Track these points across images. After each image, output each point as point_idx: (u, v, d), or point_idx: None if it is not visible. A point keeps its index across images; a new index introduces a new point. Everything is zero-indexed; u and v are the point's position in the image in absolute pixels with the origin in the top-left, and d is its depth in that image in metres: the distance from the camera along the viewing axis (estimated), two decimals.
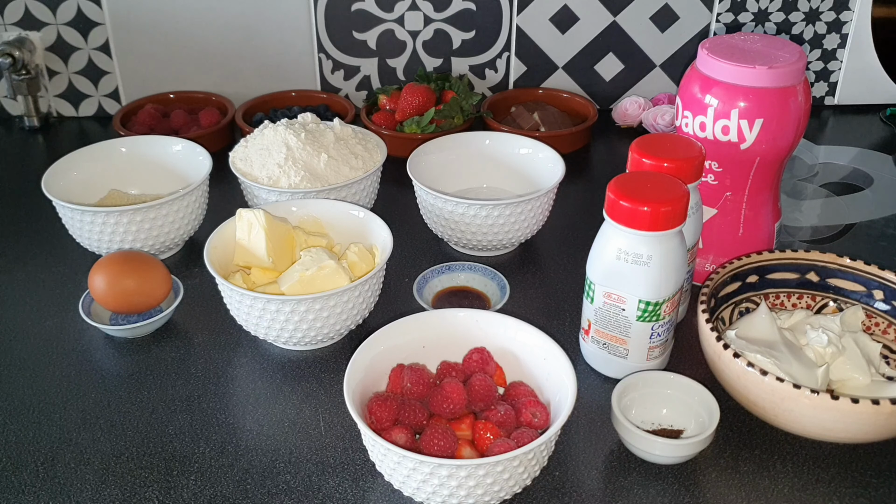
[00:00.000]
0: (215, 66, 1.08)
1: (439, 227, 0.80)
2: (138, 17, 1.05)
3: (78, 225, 0.76)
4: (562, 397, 0.56)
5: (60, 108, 1.11)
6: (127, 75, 1.09)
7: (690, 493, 0.56)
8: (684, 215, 0.60)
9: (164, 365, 0.68)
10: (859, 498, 0.56)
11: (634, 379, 0.61)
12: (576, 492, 0.56)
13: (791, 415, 0.56)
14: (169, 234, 0.78)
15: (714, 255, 0.74)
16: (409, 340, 0.61)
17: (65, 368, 0.68)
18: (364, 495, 0.56)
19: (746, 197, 0.71)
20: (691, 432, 0.59)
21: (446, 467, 0.49)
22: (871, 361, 0.63)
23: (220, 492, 0.56)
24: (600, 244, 0.62)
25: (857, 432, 0.55)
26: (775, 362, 0.58)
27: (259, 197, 0.80)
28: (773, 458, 0.59)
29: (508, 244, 0.80)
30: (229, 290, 0.65)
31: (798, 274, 0.69)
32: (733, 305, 0.68)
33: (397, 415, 0.56)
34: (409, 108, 1.00)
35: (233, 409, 0.64)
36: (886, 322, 0.66)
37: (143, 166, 0.86)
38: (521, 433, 0.54)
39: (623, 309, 0.62)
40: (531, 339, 0.60)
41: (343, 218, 0.75)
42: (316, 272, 0.66)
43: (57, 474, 0.58)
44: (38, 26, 1.05)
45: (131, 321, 0.72)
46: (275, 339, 0.67)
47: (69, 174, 0.81)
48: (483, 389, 0.58)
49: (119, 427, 0.62)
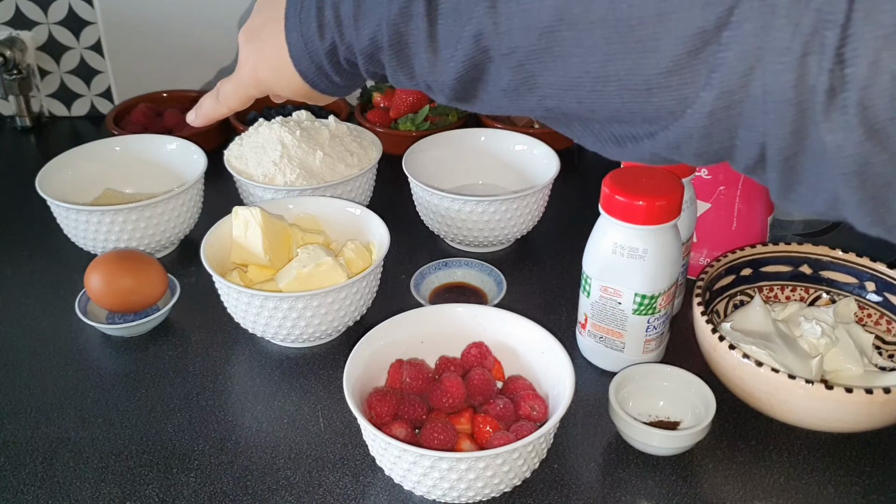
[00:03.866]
0: (208, 64, 1.08)
1: (436, 223, 0.80)
2: (130, 15, 1.05)
3: (73, 224, 0.76)
4: (560, 390, 0.56)
5: (52, 107, 1.11)
6: (119, 74, 1.09)
7: (687, 484, 0.57)
8: (679, 209, 0.60)
9: (161, 363, 0.68)
10: (853, 486, 0.57)
11: (631, 371, 0.61)
12: (574, 483, 0.57)
13: (786, 405, 0.56)
14: (164, 232, 0.78)
15: (708, 248, 0.75)
16: (407, 336, 0.61)
17: (62, 368, 0.68)
18: (364, 490, 0.57)
19: (740, 191, 0.72)
20: (688, 424, 0.60)
21: (447, 460, 0.50)
22: (864, 352, 0.64)
23: (220, 488, 0.57)
24: (596, 238, 0.63)
25: (850, 421, 0.56)
26: (770, 354, 0.59)
27: (255, 195, 0.80)
28: (768, 448, 0.60)
29: (505, 240, 0.81)
30: (227, 287, 0.65)
31: (791, 267, 0.70)
32: (728, 298, 0.69)
33: (397, 409, 0.57)
34: (403, 105, 1.00)
35: (231, 406, 0.64)
36: (878, 313, 0.67)
37: (138, 165, 0.86)
38: (520, 426, 0.55)
39: (619, 302, 0.62)
40: (529, 333, 0.60)
41: (339, 215, 0.75)
42: (313, 269, 0.66)
43: (56, 473, 0.58)
44: (29, 26, 1.05)
45: (128, 320, 0.72)
46: (272, 336, 0.67)
47: (63, 174, 0.81)
48: (482, 383, 0.58)
49: (118, 425, 0.62)
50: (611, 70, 0.33)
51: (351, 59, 0.44)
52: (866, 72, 0.27)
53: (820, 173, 0.30)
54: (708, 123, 0.32)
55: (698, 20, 0.30)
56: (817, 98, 0.29)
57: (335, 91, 0.49)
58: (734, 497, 0.56)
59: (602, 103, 0.35)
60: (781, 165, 0.31)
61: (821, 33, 0.28)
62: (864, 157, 0.29)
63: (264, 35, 0.48)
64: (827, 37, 0.28)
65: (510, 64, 0.36)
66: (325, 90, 0.48)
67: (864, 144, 0.28)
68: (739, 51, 0.30)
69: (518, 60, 0.36)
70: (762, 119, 0.30)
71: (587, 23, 0.33)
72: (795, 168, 0.31)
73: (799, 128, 0.30)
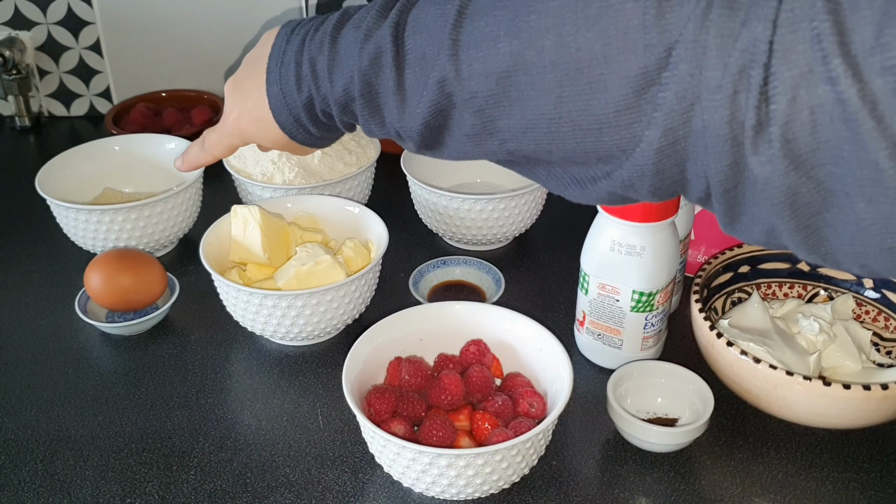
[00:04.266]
0: (207, 64, 1.08)
1: (434, 221, 0.80)
2: (129, 15, 1.05)
3: (73, 223, 0.76)
4: (558, 387, 0.56)
5: (52, 107, 1.11)
6: (118, 74, 1.09)
7: (686, 481, 0.57)
8: (677, 206, 0.61)
9: (161, 362, 0.68)
10: (851, 482, 0.57)
11: (629, 369, 0.62)
12: (573, 480, 0.57)
13: (784, 402, 0.57)
14: (164, 231, 0.78)
15: (706, 246, 0.75)
16: (406, 333, 0.62)
17: (62, 366, 0.68)
18: (363, 487, 0.57)
19: None
20: (686, 420, 0.60)
21: (445, 457, 0.50)
22: (862, 348, 0.64)
23: (219, 486, 0.57)
24: (594, 236, 0.63)
25: (848, 418, 0.56)
26: (768, 350, 0.59)
27: (253, 194, 0.80)
28: (766, 444, 0.60)
29: (503, 238, 0.81)
30: (226, 286, 0.65)
31: (789, 263, 0.70)
32: (725, 295, 0.69)
33: (396, 407, 0.57)
34: None
35: (231, 404, 0.64)
36: (876, 310, 0.67)
37: (137, 165, 0.86)
38: (518, 423, 0.55)
39: (617, 300, 0.62)
40: (527, 330, 0.60)
41: (338, 213, 0.75)
42: (312, 267, 0.66)
43: (56, 471, 0.58)
44: (28, 26, 1.05)
45: (127, 319, 0.72)
46: (272, 334, 0.67)
47: (63, 173, 0.81)
48: (480, 381, 0.58)
49: (118, 423, 0.62)
50: (563, 111, 0.35)
51: (326, 110, 0.46)
52: (786, 108, 0.29)
53: (756, 204, 0.32)
54: (657, 160, 0.34)
55: (641, 61, 0.32)
56: (747, 133, 0.30)
57: (313, 143, 0.51)
58: (732, 493, 0.56)
59: (558, 144, 0.36)
60: (723, 198, 0.33)
61: (747, 72, 0.29)
62: (791, 188, 0.30)
63: (247, 88, 0.50)
64: (752, 75, 0.29)
65: (471, 109, 0.38)
66: (303, 141, 0.51)
67: (790, 175, 0.30)
68: (678, 90, 0.31)
69: (479, 105, 0.38)
70: (704, 154, 0.32)
71: (540, 67, 0.35)
72: (736, 199, 0.33)
73: (735, 161, 0.31)
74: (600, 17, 0.33)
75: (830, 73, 0.27)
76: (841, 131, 0.28)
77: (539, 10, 0.34)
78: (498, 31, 0.36)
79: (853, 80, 0.27)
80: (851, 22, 0.27)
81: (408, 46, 0.39)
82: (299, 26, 0.48)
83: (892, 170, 0.27)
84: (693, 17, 0.30)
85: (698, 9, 0.30)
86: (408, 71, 0.40)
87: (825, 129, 0.28)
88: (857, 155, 0.28)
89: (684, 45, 0.31)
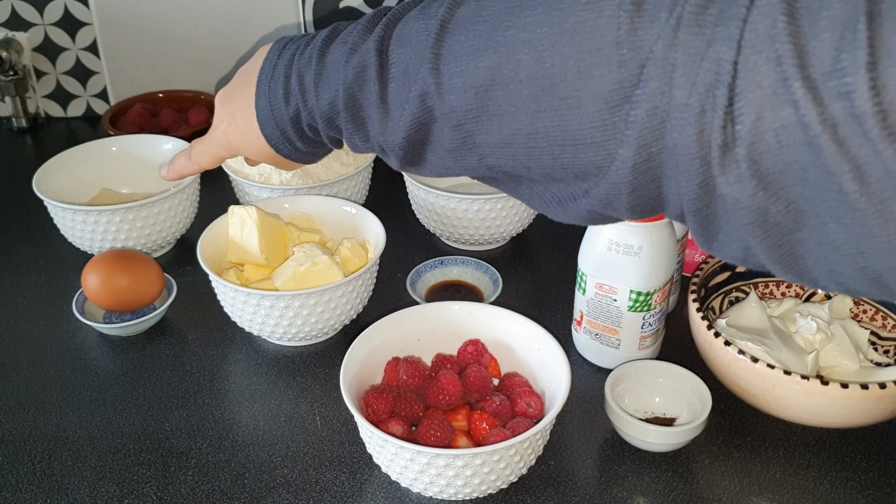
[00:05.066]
0: (204, 64, 1.08)
1: (431, 222, 0.80)
2: (126, 16, 1.05)
3: (70, 224, 0.76)
4: (556, 387, 0.56)
5: (49, 108, 1.11)
6: (115, 75, 1.09)
7: (684, 480, 0.57)
8: None
9: (158, 362, 0.68)
10: (849, 481, 0.57)
11: (627, 368, 0.62)
12: (571, 480, 0.57)
13: (782, 401, 0.57)
14: (161, 232, 0.78)
15: None
16: (404, 334, 0.62)
17: (60, 367, 0.68)
18: (361, 487, 0.57)
19: None
20: (684, 420, 0.60)
21: (443, 457, 0.50)
22: (860, 348, 0.64)
23: (217, 486, 0.57)
24: (591, 236, 0.63)
25: (846, 417, 0.56)
26: (766, 350, 0.59)
27: (251, 194, 0.80)
28: (764, 444, 0.60)
29: (500, 238, 0.81)
30: (223, 286, 0.65)
31: None
32: (723, 295, 0.69)
33: (393, 407, 0.57)
34: None
35: (228, 404, 0.64)
36: (874, 309, 0.67)
37: (134, 165, 0.86)
38: (516, 423, 0.55)
39: (615, 299, 0.62)
40: (525, 330, 0.60)
41: (335, 214, 0.75)
42: (310, 268, 0.66)
43: (54, 472, 0.58)
44: (25, 27, 1.05)
45: (125, 319, 0.72)
46: (269, 335, 0.67)
47: (60, 174, 0.81)
48: (478, 381, 0.58)
49: (115, 424, 0.62)
50: (540, 127, 0.35)
51: (312, 124, 0.46)
52: (752, 128, 0.28)
53: (729, 223, 0.32)
54: (633, 178, 0.33)
55: (615, 76, 0.32)
56: (714, 152, 0.30)
57: (299, 157, 0.51)
58: (730, 493, 0.56)
59: (535, 160, 0.36)
60: (695, 216, 0.33)
61: (713, 91, 0.29)
62: (761, 209, 0.30)
63: (237, 100, 0.51)
64: (717, 95, 0.29)
65: (451, 123, 0.38)
66: (289, 156, 0.51)
67: (759, 196, 0.30)
68: (649, 108, 0.31)
69: (458, 120, 0.38)
70: (675, 172, 0.32)
71: (517, 81, 0.35)
72: (708, 219, 0.33)
73: (705, 180, 0.31)
74: (575, 32, 0.32)
75: (792, 96, 0.27)
76: (805, 153, 0.28)
77: (516, 25, 0.34)
78: (477, 45, 0.36)
79: (813, 103, 0.27)
80: (811, 45, 0.27)
81: (392, 60, 0.40)
82: (291, 42, 0.48)
83: (856, 193, 0.27)
84: (663, 34, 0.30)
85: (668, 26, 0.30)
86: (391, 85, 0.40)
87: (790, 151, 0.28)
88: (821, 177, 0.28)
89: (654, 63, 0.31)
